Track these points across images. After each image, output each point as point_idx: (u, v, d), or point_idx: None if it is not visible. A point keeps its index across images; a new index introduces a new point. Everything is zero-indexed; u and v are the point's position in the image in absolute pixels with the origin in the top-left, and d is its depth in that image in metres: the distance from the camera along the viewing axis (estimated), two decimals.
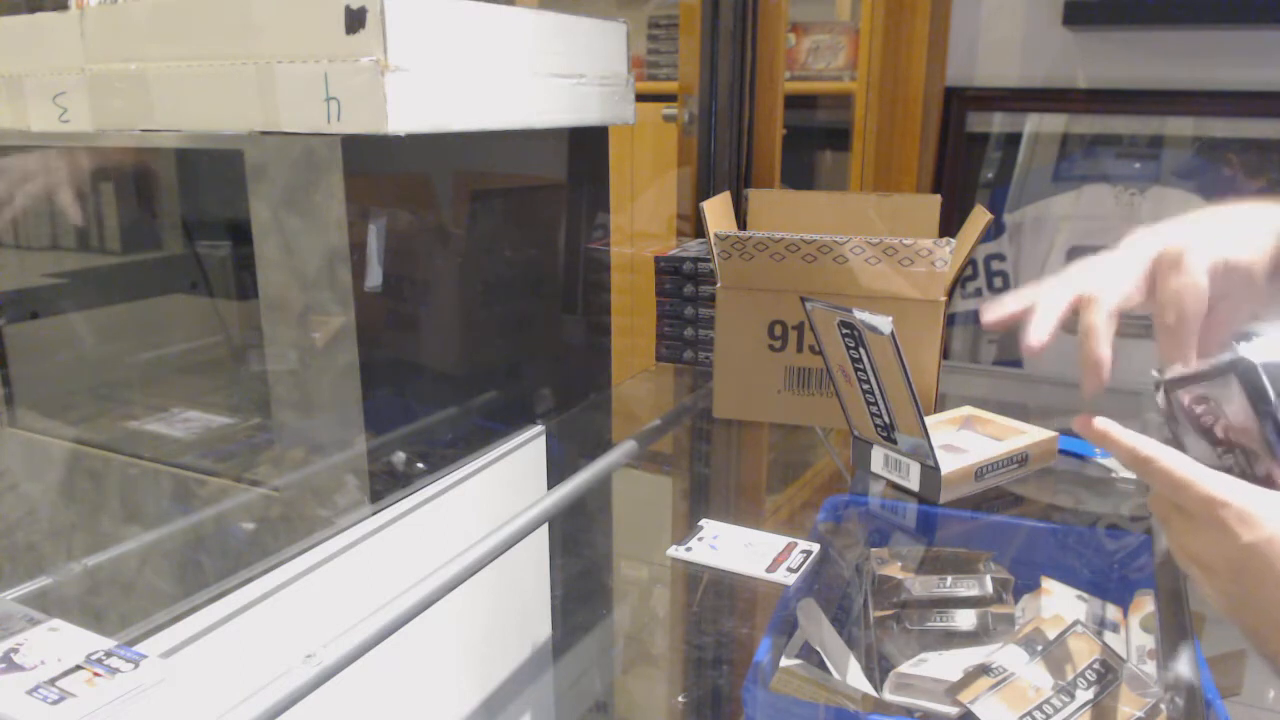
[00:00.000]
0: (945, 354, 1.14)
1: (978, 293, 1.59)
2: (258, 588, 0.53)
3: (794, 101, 1.43)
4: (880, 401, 0.72)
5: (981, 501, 0.73)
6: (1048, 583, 0.63)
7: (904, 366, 0.65)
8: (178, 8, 0.63)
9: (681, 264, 1.07)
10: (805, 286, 0.83)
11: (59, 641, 0.42)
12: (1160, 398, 0.47)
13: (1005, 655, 0.52)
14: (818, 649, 0.58)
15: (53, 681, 0.39)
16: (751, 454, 1.01)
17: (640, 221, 1.56)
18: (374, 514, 0.62)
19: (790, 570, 0.67)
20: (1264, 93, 1.38)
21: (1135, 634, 0.58)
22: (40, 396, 0.79)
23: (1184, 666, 0.51)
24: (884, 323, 0.63)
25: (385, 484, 0.65)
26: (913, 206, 0.99)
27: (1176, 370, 0.45)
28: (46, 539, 0.72)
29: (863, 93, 1.50)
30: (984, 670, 0.51)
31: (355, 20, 0.57)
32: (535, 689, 0.75)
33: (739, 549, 0.71)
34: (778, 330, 0.89)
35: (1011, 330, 0.55)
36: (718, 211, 0.96)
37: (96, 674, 0.40)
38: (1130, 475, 0.84)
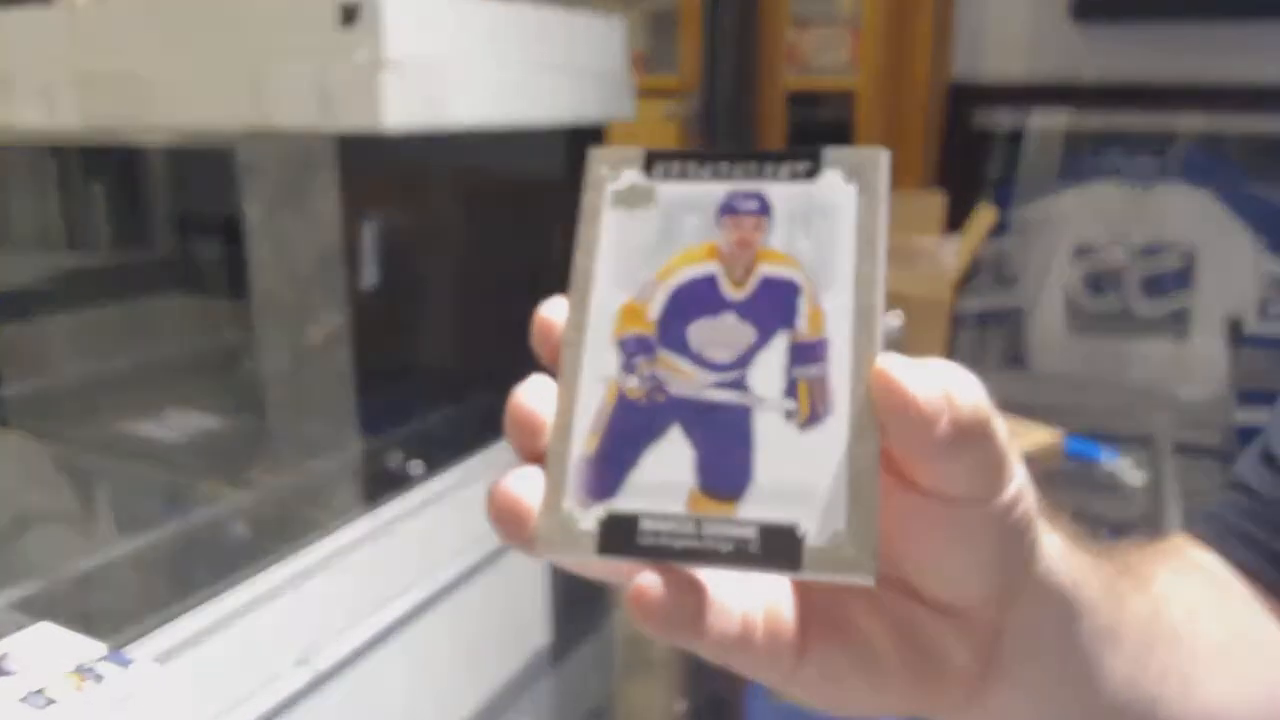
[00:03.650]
0: (949, 353, 1.13)
1: (982, 291, 1.58)
2: (250, 591, 0.53)
3: (796, 98, 1.42)
4: None
5: None
6: None
7: None
8: (169, 3, 0.62)
9: None
10: None
11: (47, 646, 0.41)
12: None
13: None
14: None
15: (40, 688, 0.39)
16: None
17: None
18: (369, 516, 0.62)
19: None
20: (1276, 88, 1.37)
21: None
22: (31, 397, 0.79)
23: None
24: (891, 320, 0.62)
25: (380, 486, 0.64)
26: (917, 204, 0.98)
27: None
28: (36, 542, 0.72)
29: (865, 89, 1.49)
30: None
31: (349, 15, 0.56)
32: (533, 695, 0.74)
33: None
34: None
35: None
36: None
37: (85, 679, 0.39)
38: (1139, 477, 0.83)
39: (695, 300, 0.20)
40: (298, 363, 0.63)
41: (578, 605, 0.79)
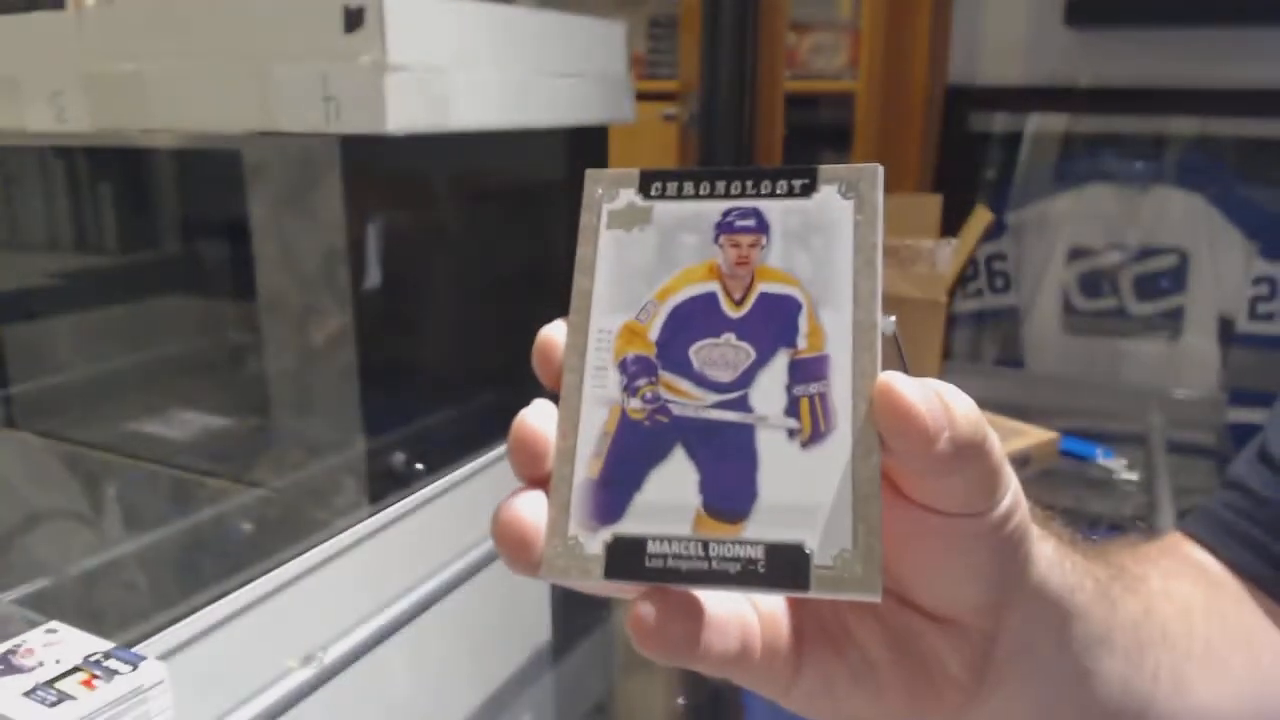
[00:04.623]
0: (946, 354, 1.14)
1: (979, 293, 1.59)
2: (257, 589, 0.53)
3: (795, 101, 1.43)
4: None
5: None
6: None
7: (906, 367, 0.65)
8: (175, 7, 0.63)
9: None
10: None
11: (57, 643, 0.41)
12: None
13: None
14: None
15: (51, 683, 0.39)
16: None
17: None
18: (373, 515, 0.62)
19: None
20: (1267, 91, 1.38)
21: None
22: (39, 397, 0.79)
23: None
24: (886, 323, 0.63)
25: (384, 485, 0.64)
26: (914, 206, 0.99)
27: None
28: (44, 540, 0.72)
29: (864, 92, 1.50)
30: None
31: (354, 19, 0.57)
32: (535, 691, 0.75)
33: None
34: None
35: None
36: None
37: (95, 676, 0.40)
38: (1133, 476, 0.84)
39: (695, 319, 0.20)
40: (302, 362, 0.63)
41: (578, 603, 0.79)
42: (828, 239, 0.20)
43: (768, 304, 0.20)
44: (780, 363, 0.20)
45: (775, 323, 0.20)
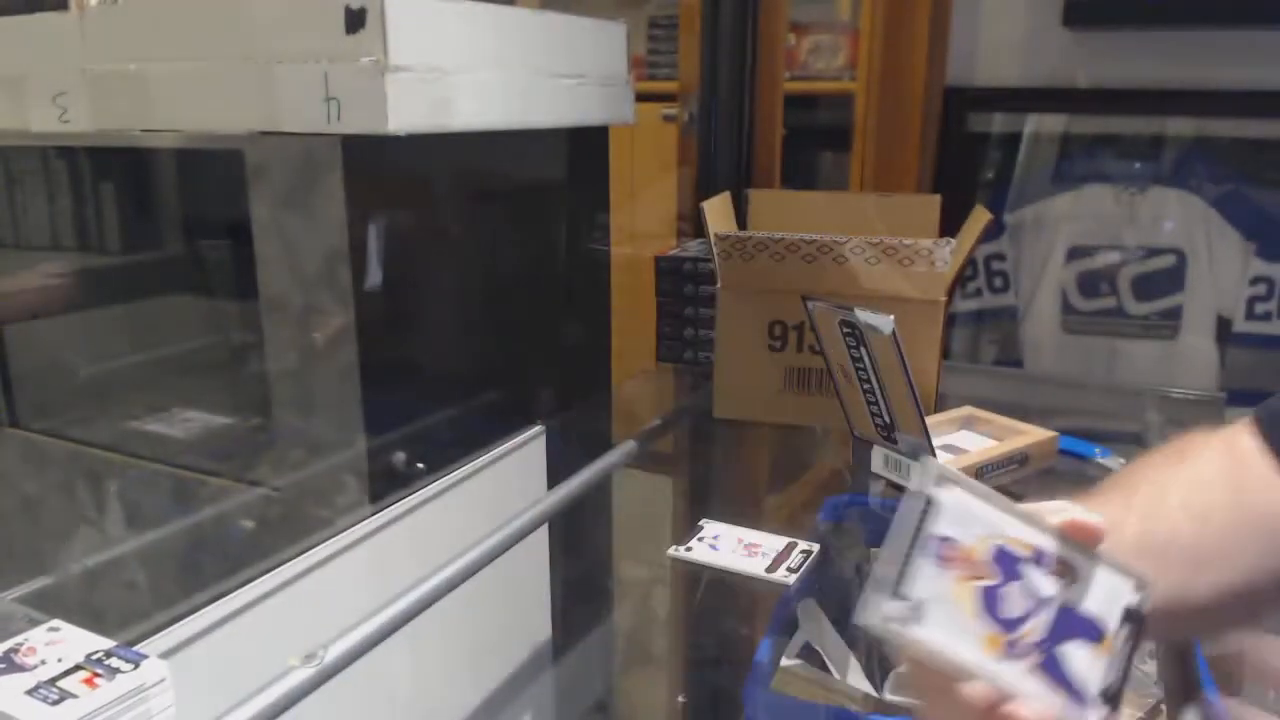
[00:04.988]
0: (945, 354, 1.14)
1: (978, 293, 1.59)
2: (258, 588, 0.53)
3: (794, 101, 1.43)
4: (881, 401, 0.72)
5: None
6: None
7: (905, 366, 0.65)
8: (178, 8, 0.63)
9: (681, 264, 1.07)
10: (805, 286, 0.83)
11: (59, 641, 0.42)
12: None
13: None
14: (818, 649, 0.58)
15: (53, 681, 0.39)
16: (751, 454, 1.01)
17: (640, 221, 1.56)
18: (374, 514, 0.62)
19: (790, 570, 0.68)
20: (1264, 92, 1.38)
21: None
22: (40, 396, 0.79)
23: (1184, 667, 0.51)
24: (885, 322, 0.63)
25: (385, 484, 0.65)
26: (913, 206, 0.99)
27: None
28: (46, 539, 0.72)
29: (863, 93, 1.50)
30: None
31: (355, 20, 0.57)
32: (535, 689, 0.75)
33: (739, 549, 0.71)
34: (778, 330, 0.89)
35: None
36: (718, 211, 0.96)
37: (96, 674, 0.40)
38: None
39: (994, 605, 0.33)
40: (303, 362, 0.63)
41: (579, 601, 0.80)
42: (960, 501, 0.33)
43: (994, 557, 0.33)
44: (1030, 570, 0.34)
45: (1005, 560, 0.33)
